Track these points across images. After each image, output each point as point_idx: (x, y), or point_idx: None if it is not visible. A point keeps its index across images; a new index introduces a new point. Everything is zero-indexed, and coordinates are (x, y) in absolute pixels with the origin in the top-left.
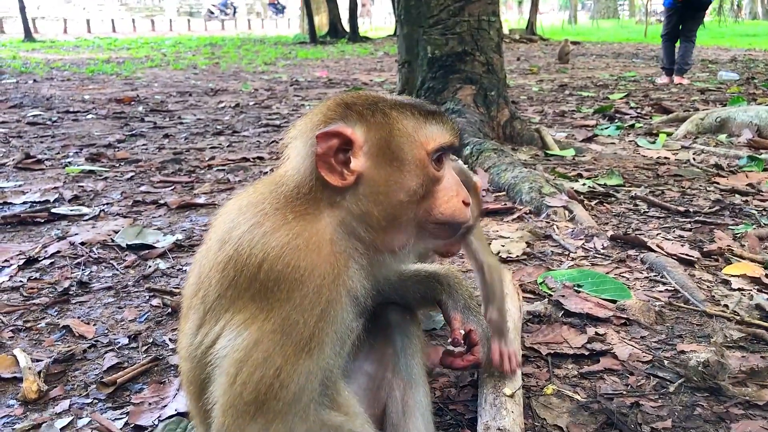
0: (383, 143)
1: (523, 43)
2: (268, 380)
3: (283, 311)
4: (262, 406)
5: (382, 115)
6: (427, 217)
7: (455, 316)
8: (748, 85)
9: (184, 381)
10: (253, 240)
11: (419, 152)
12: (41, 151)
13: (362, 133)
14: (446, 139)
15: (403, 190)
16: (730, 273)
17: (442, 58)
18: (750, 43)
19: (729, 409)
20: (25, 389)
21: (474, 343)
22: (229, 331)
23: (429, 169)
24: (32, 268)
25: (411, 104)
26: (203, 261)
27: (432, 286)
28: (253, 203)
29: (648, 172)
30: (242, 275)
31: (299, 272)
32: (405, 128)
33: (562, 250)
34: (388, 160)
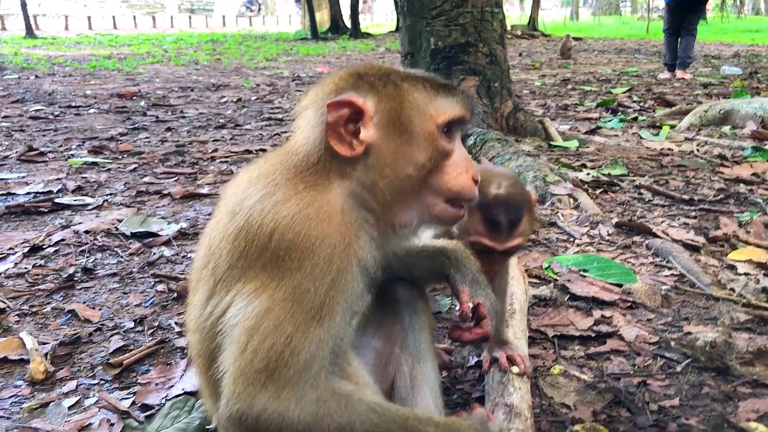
0: (393, 115)
1: (525, 39)
2: (279, 348)
3: (294, 279)
4: (273, 374)
5: (393, 86)
6: (435, 193)
7: (463, 290)
8: (752, 79)
9: (193, 354)
10: (264, 210)
11: (429, 125)
12: (44, 144)
13: (373, 104)
14: (457, 113)
15: (412, 163)
16: (735, 258)
17: (446, 50)
18: (753, 38)
19: (737, 388)
20: (32, 370)
21: (482, 316)
22: (239, 299)
23: (438, 142)
24: (37, 255)
25: (423, 77)
26: (213, 233)
27: (440, 261)
28: (263, 174)
29: (652, 163)
30: (253, 245)
31: (310, 241)
32: (416, 100)
33: (567, 237)
34: (397, 132)
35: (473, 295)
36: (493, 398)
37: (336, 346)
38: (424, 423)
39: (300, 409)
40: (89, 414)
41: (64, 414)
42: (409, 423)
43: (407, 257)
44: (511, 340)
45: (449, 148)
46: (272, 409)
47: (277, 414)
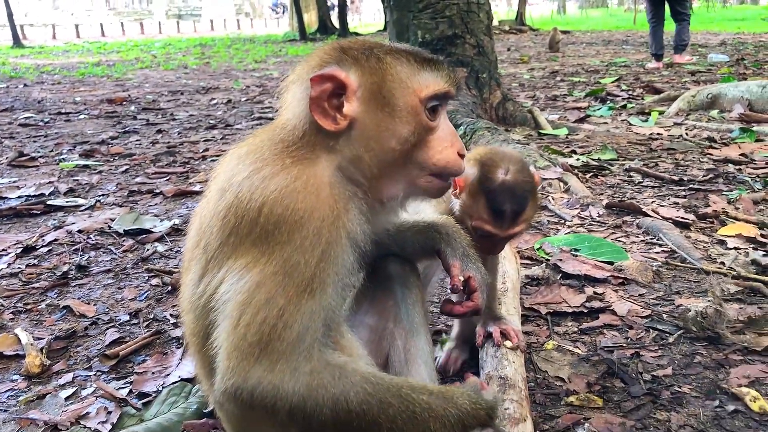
0: (376, 88)
1: (512, 33)
2: (272, 321)
3: (285, 253)
4: (266, 347)
5: (376, 60)
6: (420, 167)
7: (454, 263)
8: (738, 65)
9: (187, 334)
10: (253, 185)
11: (412, 99)
12: (35, 149)
13: (356, 78)
14: (441, 87)
15: (395, 137)
16: (725, 234)
17: (433, 42)
18: (738, 27)
19: (728, 356)
20: (28, 364)
21: (473, 289)
22: (231, 275)
23: (422, 117)
24: (30, 255)
25: (407, 50)
26: (203, 212)
27: (431, 235)
28: (251, 150)
29: (641, 147)
30: (243, 221)
31: (299, 214)
32: (398, 74)
33: (558, 219)
34: (380, 106)
35: (464, 268)
36: (487, 372)
37: (328, 319)
38: (417, 391)
39: (294, 381)
40: (86, 403)
41: (61, 404)
42: (402, 392)
43: (399, 233)
44: (505, 317)
45: (433, 123)
46: (267, 382)
47: (271, 387)
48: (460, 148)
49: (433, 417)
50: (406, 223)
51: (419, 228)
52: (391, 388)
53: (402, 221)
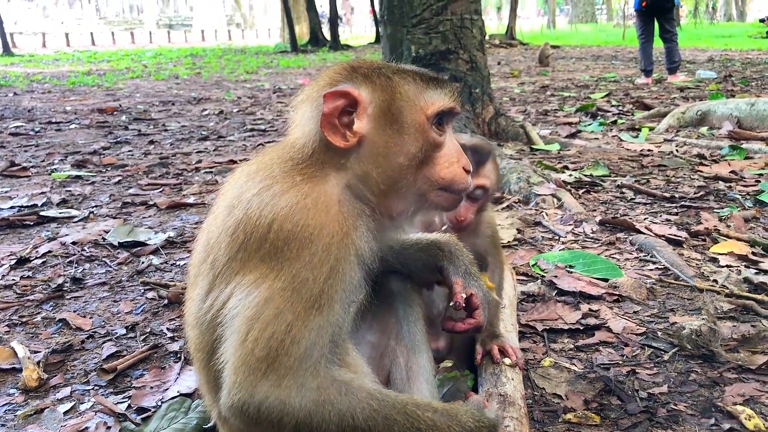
0: (385, 106)
1: (503, 47)
2: (280, 336)
3: (293, 269)
4: (274, 362)
5: (385, 78)
6: (428, 183)
7: (456, 281)
8: (726, 82)
9: (192, 349)
10: (263, 202)
11: (419, 116)
12: (26, 159)
13: (367, 95)
14: (446, 104)
15: (403, 154)
16: (717, 251)
17: (426, 57)
18: (726, 43)
19: (723, 374)
20: (26, 378)
21: (475, 306)
22: (239, 291)
23: (429, 133)
24: (24, 267)
25: (413, 70)
26: (211, 228)
27: (433, 253)
28: (261, 168)
29: (632, 163)
30: (252, 237)
31: (308, 231)
32: (406, 92)
33: (552, 235)
34: (389, 123)
35: (466, 286)
36: (486, 389)
37: (335, 335)
38: (422, 408)
39: (301, 396)
40: (85, 418)
41: (59, 419)
42: (408, 409)
43: (402, 250)
44: (503, 334)
45: (440, 139)
46: (274, 397)
47: (279, 402)
48: (466, 164)
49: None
50: (408, 240)
51: (422, 245)
52: (397, 405)
53: (405, 238)
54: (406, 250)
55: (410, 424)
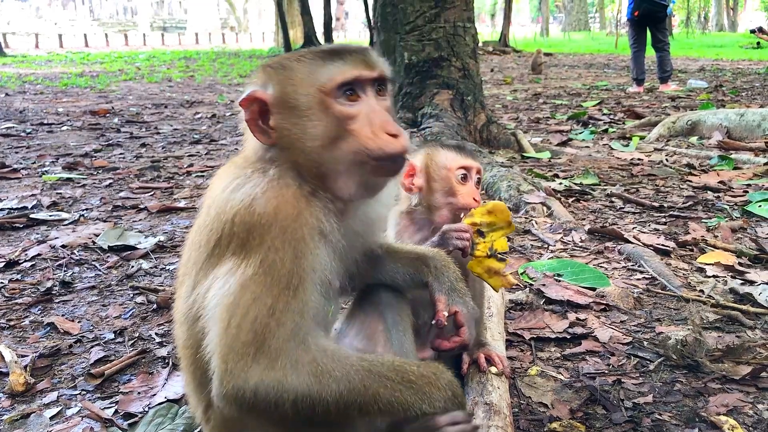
0: (285, 95)
1: (496, 54)
2: (263, 319)
3: (260, 254)
4: (262, 346)
5: (283, 69)
6: (356, 156)
7: (440, 298)
8: (717, 92)
9: (180, 346)
10: (225, 199)
11: (316, 95)
12: (16, 161)
13: (272, 92)
14: (347, 75)
15: (311, 136)
16: (704, 261)
17: (419, 64)
18: (717, 53)
19: (707, 384)
20: (12, 382)
21: (460, 324)
22: (216, 283)
23: (333, 108)
24: (13, 270)
25: (312, 51)
26: (194, 228)
27: (419, 268)
28: (227, 169)
29: (622, 172)
30: (223, 233)
31: (265, 218)
32: (300, 76)
33: (541, 244)
34: (291, 110)
35: (451, 303)
36: (472, 397)
37: (315, 313)
38: (408, 364)
39: (297, 373)
40: (72, 423)
41: (46, 424)
42: (395, 365)
43: (389, 262)
44: (490, 342)
45: (349, 110)
46: (270, 379)
47: (276, 383)
48: (389, 128)
49: (428, 383)
50: (396, 253)
51: (409, 259)
52: (386, 363)
53: (393, 249)
54: (394, 264)
55: (401, 377)
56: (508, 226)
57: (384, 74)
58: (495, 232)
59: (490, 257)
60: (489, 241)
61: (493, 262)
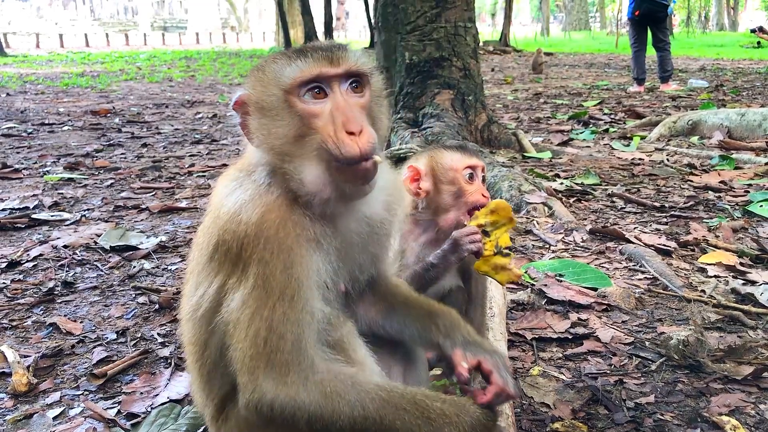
0: (255, 97)
1: (497, 54)
2: (263, 333)
3: (255, 268)
4: (268, 360)
5: (259, 71)
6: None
7: (456, 352)
8: (717, 91)
9: (185, 342)
10: (221, 202)
11: (278, 94)
12: (18, 161)
13: (250, 93)
14: (307, 73)
15: (276, 135)
16: (706, 261)
17: (420, 64)
18: (717, 53)
19: (709, 384)
20: (15, 382)
21: (487, 372)
22: (225, 297)
23: (297, 107)
24: (15, 270)
25: (286, 50)
26: (201, 227)
27: (428, 327)
28: (228, 174)
29: (623, 172)
30: (219, 239)
31: (251, 227)
32: (269, 76)
33: (542, 244)
34: (260, 110)
35: (470, 355)
36: None
37: (317, 322)
38: (432, 399)
39: (307, 391)
40: (75, 423)
41: (49, 424)
42: (417, 398)
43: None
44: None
45: (312, 109)
46: (283, 395)
47: (289, 399)
48: (352, 126)
49: (448, 422)
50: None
51: (418, 314)
52: (406, 395)
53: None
54: (402, 317)
55: (420, 412)
56: (510, 221)
57: (353, 70)
58: (498, 230)
59: (496, 254)
60: (494, 239)
61: (499, 259)
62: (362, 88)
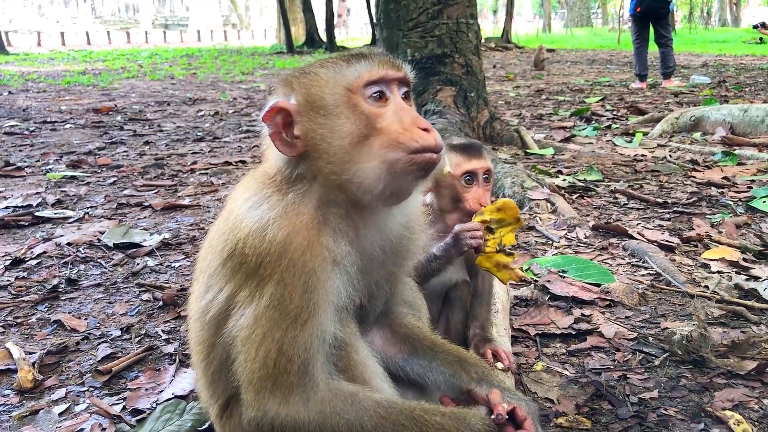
0: (310, 99)
1: (498, 51)
2: (273, 355)
3: (272, 287)
4: (276, 381)
5: (306, 74)
6: (389, 152)
7: (493, 391)
8: (720, 87)
9: (192, 341)
10: (243, 214)
11: (344, 94)
12: (20, 159)
13: (295, 99)
14: (373, 75)
15: (339, 135)
16: (709, 257)
17: (422, 61)
18: (720, 49)
19: (712, 379)
20: (20, 379)
21: (522, 418)
22: (235, 310)
23: (361, 107)
24: (19, 268)
25: (338, 55)
26: (215, 226)
27: (457, 374)
28: (248, 181)
29: (626, 169)
30: (236, 249)
31: (275, 246)
32: (326, 78)
33: (545, 240)
34: (319, 113)
35: (506, 398)
36: None
37: (327, 344)
38: (430, 413)
39: (308, 410)
40: (80, 419)
41: (54, 420)
42: (415, 413)
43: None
44: (495, 338)
45: (377, 109)
46: (285, 414)
47: (290, 418)
48: (422, 123)
49: None
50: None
51: (446, 360)
52: (404, 411)
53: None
54: (424, 359)
55: (418, 428)
56: (517, 221)
57: (408, 77)
58: (504, 228)
59: (499, 252)
60: (498, 237)
61: (501, 257)
62: (410, 100)
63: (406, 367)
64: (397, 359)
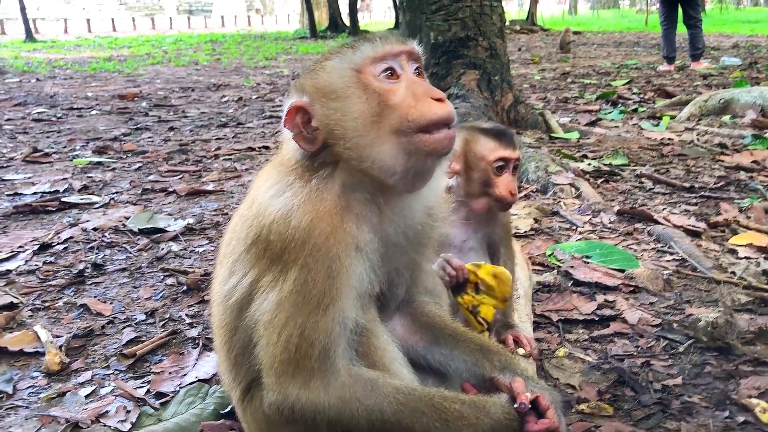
0: (322, 88)
1: (523, 33)
2: (295, 340)
3: (295, 272)
4: (298, 365)
5: (319, 68)
6: (403, 131)
7: (517, 380)
8: (751, 69)
9: (215, 325)
10: (267, 201)
11: (353, 76)
12: (48, 145)
13: (309, 94)
14: (378, 51)
15: (352, 116)
16: (736, 243)
17: (446, 44)
18: (752, 29)
19: (738, 367)
20: (48, 362)
21: (545, 407)
22: (258, 294)
23: (373, 86)
24: (46, 252)
25: (345, 43)
26: (237, 215)
27: (480, 362)
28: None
29: (652, 153)
30: (260, 237)
31: (299, 232)
32: (335, 64)
33: (569, 225)
34: (331, 98)
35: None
36: None
37: (349, 330)
38: (450, 401)
39: (328, 396)
40: (106, 402)
41: (81, 402)
42: (435, 401)
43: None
44: (517, 324)
45: (389, 86)
46: (305, 399)
47: (310, 403)
48: (435, 93)
49: (466, 425)
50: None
51: (468, 349)
52: (424, 398)
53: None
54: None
55: (437, 415)
56: (503, 301)
57: (416, 51)
58: (487, 297)
59: (471, 313)
60: (477, 302)
61: (471, 319)
62: (423, 75)
63: (427, 356)
64: (419, 347)
